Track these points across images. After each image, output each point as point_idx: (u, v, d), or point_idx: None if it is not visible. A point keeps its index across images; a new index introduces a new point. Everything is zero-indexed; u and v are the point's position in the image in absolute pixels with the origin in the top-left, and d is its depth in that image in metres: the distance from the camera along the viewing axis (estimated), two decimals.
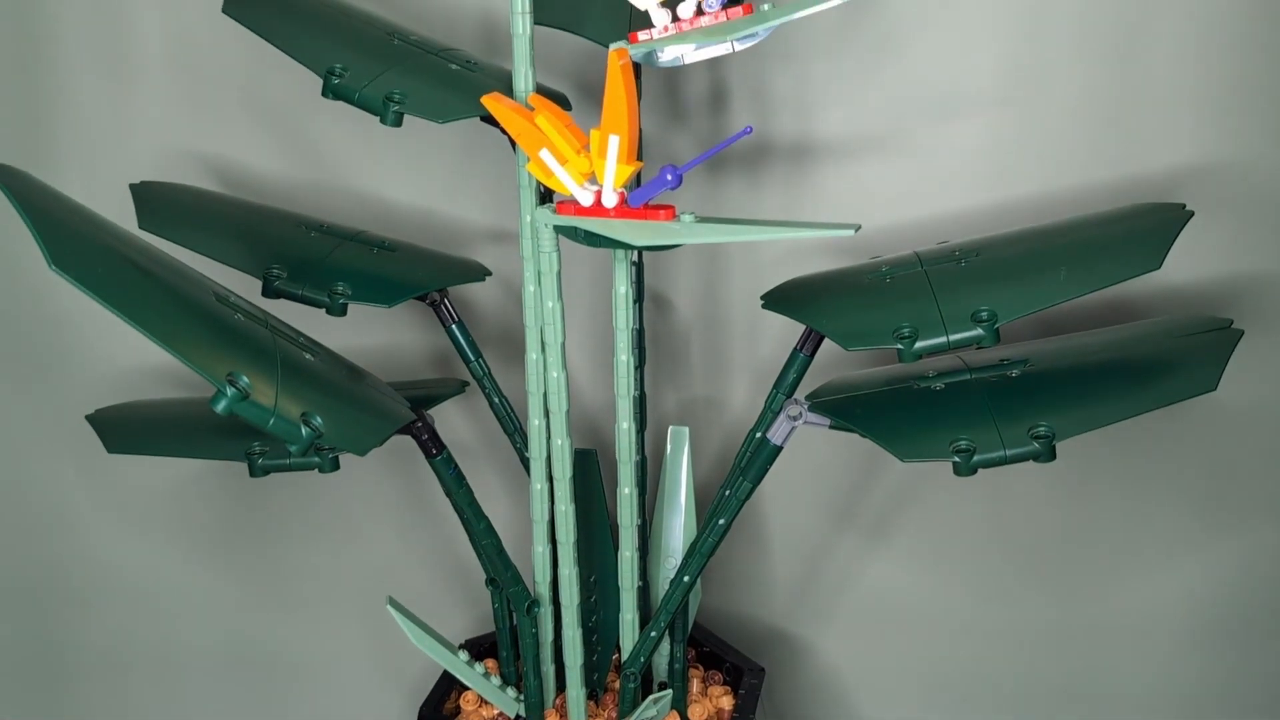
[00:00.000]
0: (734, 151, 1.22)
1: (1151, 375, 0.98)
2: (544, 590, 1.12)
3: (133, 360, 1.33)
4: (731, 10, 0.87)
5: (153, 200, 1.11)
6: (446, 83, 1.03)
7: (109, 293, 0.77)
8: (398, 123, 0.98)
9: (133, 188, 1.11)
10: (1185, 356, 0.98)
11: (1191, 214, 0.98)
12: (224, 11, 1.06)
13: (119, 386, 1.33)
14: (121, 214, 1.00)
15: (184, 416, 1.13)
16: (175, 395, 1.29)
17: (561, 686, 1.16)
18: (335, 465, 0.98)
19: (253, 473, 1.00)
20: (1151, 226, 0.99)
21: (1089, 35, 1.15)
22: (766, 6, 0.87)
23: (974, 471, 0.89)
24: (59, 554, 1.43)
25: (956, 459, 0.89)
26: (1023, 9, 1.15)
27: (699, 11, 0.87)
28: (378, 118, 0.98)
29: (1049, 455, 0.89)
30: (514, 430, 1.18)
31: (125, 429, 1.10)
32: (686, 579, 1.08)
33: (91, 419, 1.09)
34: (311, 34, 1.06)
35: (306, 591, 1.43)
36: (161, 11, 1.27)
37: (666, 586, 1.13)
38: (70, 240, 0.80)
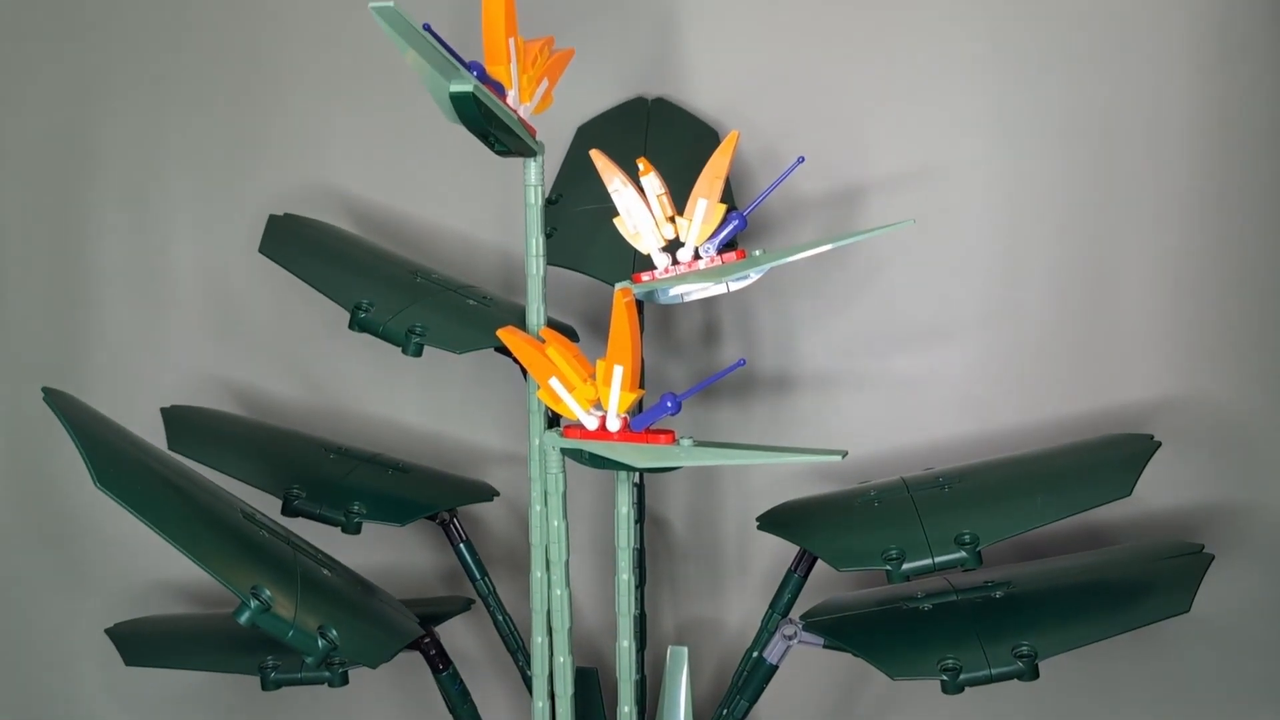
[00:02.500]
0: (725, 381, 1.28)
1: (1128, 597, 1.02)
2: None
3: (150, 575, 1.36)
4: (726, 255, 0.94)
5: (182, 423, 1.16)
6: (465, 317, 1.10)
7: (148, 510, 0.82)
8: (418, 353, 1.04)
9: (163, 411, 1.17)
10: (1159, 580, 1.03)
11: (1159, 444, 1.03)
12: (260, 251, 1.14)
13: (137, 600, 1.36)
14: (152, 435, 1.05)
15: (199, 630, 1.16)
16: (190, 609, 1.32)
17: None
18: (344, 680, 1.00)
19: (265, 686, 1.03)
20: (1122, 456, 1.04)
21: (1061, 275, 1.23)
22: (758, 252, 0.94)
23: (961, 690, 0.92)
24: None
25: (944, 678, 0.92)
26: (996, 249, 1.24)
27: (696, 256, 0.94)
28: (400, 348, 1.04)
29: (1032, 674, 0.92)
30: (516, 648, 1.20)
31: (143, 642, 1.12)
32: None
33: (111, 633, 1.12)
34: (340, 272, 1.14)
35: None
36: (196, 246, 1.36)
37: None
38: (113, 460, 0.85)
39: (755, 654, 1.09)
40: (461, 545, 1.18)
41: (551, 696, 1.08)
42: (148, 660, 1.09)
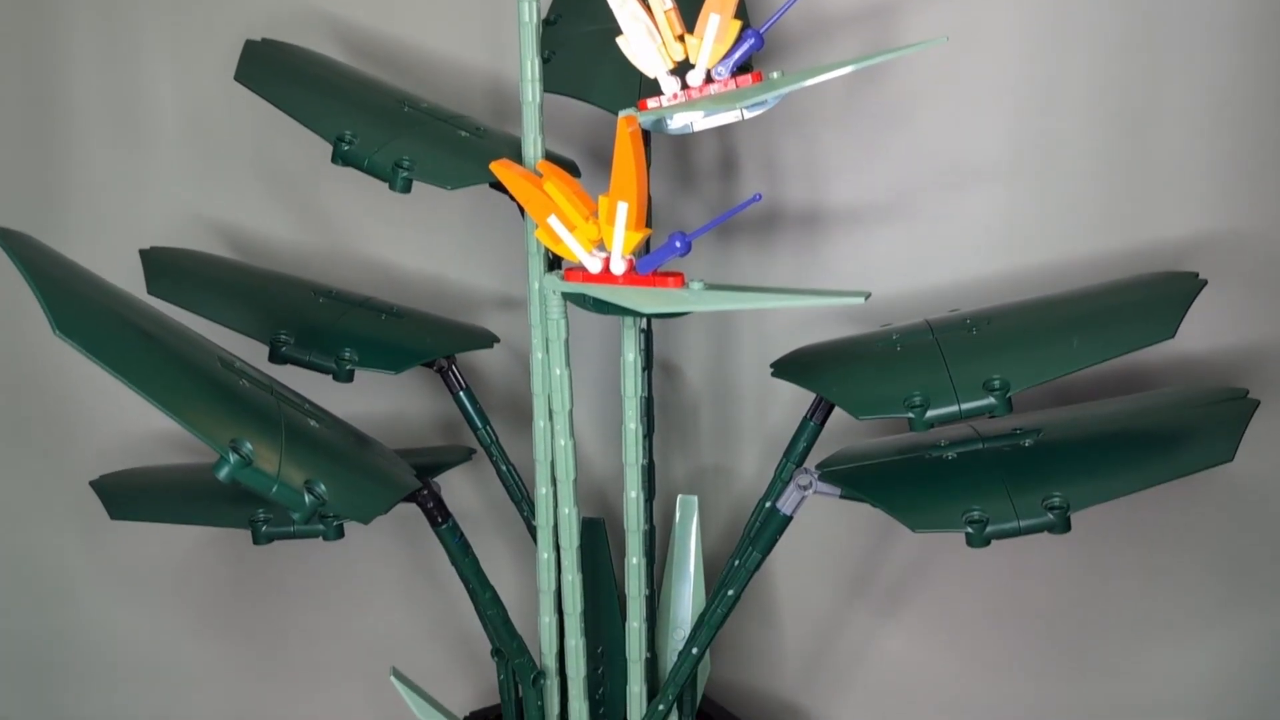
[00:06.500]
0: (744, 219, 1.22)
1: (1167, 446, 0.97)
2: (550, 661, 1.11)
3: (138, 425, 1.33)
4: (741, 78, 0.87)
5: (162, 265, 1.11)
6: (456, 149, 1.04)
7: (113, 358, 0.77)
8: (406, 189, 0.98)
9: (142, 253, 1.12)
10: (1201, 427, 0.98)
11: (1205, 282, 0.97)
12: (236, 79, 1.07)
13: (124, 451, 1.32)
14: (131, 279, 1.00)
15: (188, 483, 1.12)
16: (181, 460, 1.29)
17: None
18: (340, 533, 0.96)
19: (256, 540, 0.99)
20: (1165, 295, 0.99)
21: (1100, 104, 1.15)
22: (776, 74, 0.87)
23: (987, 543, 0.88)
24: (60, 623, 1.42)
25: (969, 530, 0.88)
26: (1032, 79, 1.16)
27: (708, 79, 0.88)
28: (387, 184, 0.98)
29: (1063, 526, 0.87)
30: (521, 498, 1.17)
31: (129, 495, 1.09)
32: (695, 651, 1.06)
33: (95, 485, 1.09)
34: (322, 101, 1.07)
35: (309, 661, 1.42)
36: (175, 78, 1.28)
37: (675, 658, 1.12)
38: (75, 305, 0.79)
39: (768, 504, 1.05)
40: (461, 393, 1.14)
41: (557, 548, 1.06)
42: (134, 514, 1.06)
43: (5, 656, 1.43)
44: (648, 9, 0.86)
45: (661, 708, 1.08)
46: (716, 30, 0.85)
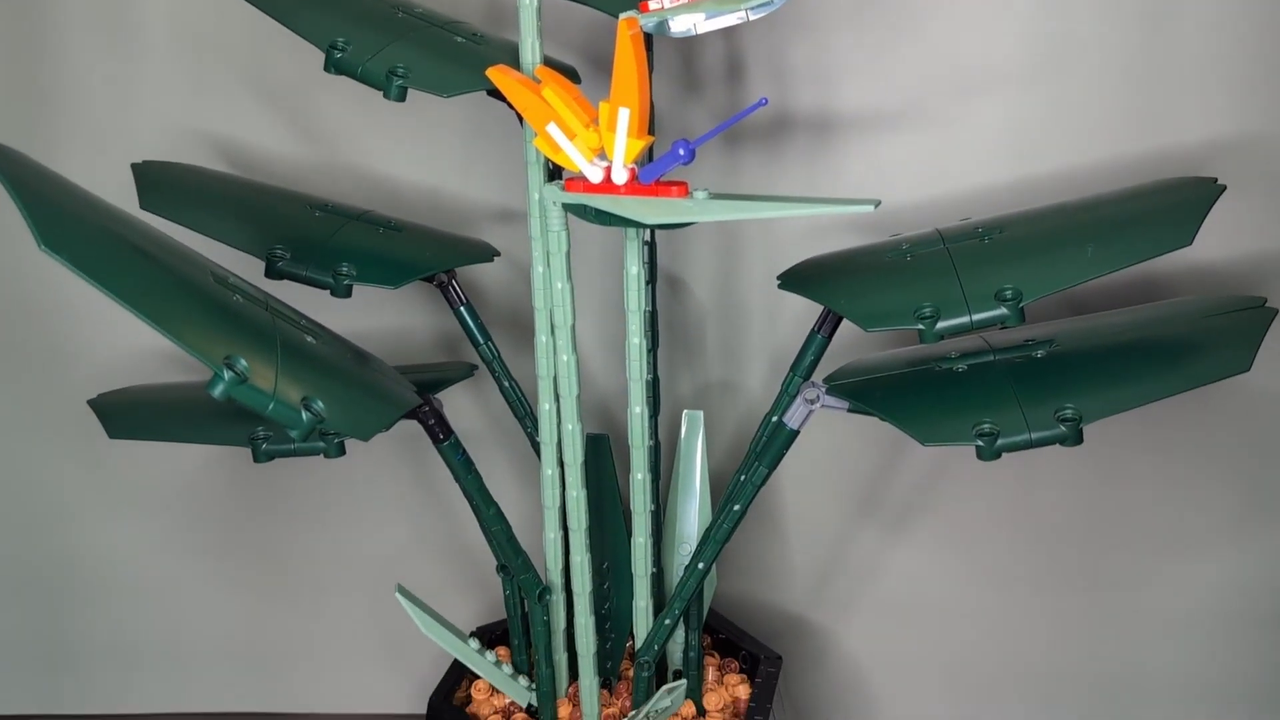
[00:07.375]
0: (752, 126, 1.19)
1: (1182, 356, 0.95)
2: (556, 577, 1.10)
3: (135, 343, 1.31)
4: None
5: (155, 180, 1.09)
6: (451, 56, 1.01)
7: (101, 274, 0.75)
8: (401, 97, 0.95)
9: (135, 167, 1.09)
10: (1217, 336, 0.95)
11: (1223, 188, 0.95)
12: None
13: (121, 370, 1.31)
14: (124, 194, 0.98)
15: (187, 400, 1.11)
16: (179, 378, 1.27)
17: (574, 675, 1.14)
18: (341, 450, 0.95)
19: (256, 458, 0.98)
20: (1182, 202, 0.96)
21: (1116, 5, 1.12)
22: None
23: (998, 456, 0.86)
24: (62, 543, 1.42)
25: (980, 443, 0.86)
26: None
27: None
28: (381, 92, 0.96)
29: (1075, 439, 0.86)
30: (524, 414, 1.16)
31: (127, 414, 1.08)
32: (701, 565, 1.05)
33: (93, 404, 1.07)
34: (314, 8, 1.04)
35: (313, 579, 1.42)
36: None
37: (681, 573, 1.11)
38: (62, 220, 0.77)
39: (775, 418, 1.04)
40: (462, 308, 1.12)
41: (561, 464, 1.05)
42: (133, 432, 1.05)
43: (6, 577, 1.43)
44: None
45: (668, 622, 1.07)
46: None
